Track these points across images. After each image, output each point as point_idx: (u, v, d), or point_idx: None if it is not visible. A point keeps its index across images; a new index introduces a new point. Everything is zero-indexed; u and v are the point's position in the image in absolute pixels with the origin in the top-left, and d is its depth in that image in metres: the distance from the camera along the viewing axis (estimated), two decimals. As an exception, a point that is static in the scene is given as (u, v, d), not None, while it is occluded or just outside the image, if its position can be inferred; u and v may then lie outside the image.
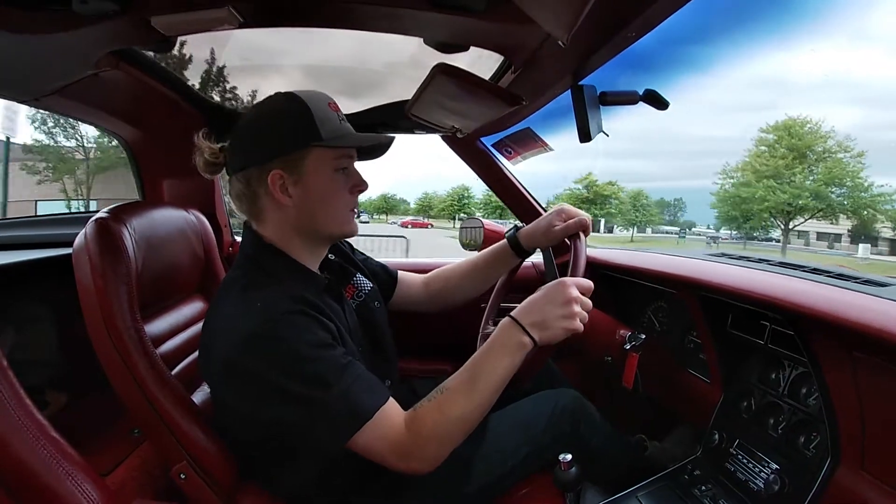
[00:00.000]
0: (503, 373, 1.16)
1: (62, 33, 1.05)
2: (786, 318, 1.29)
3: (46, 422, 0.93)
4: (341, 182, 1.24)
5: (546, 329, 1.17)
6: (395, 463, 1.12)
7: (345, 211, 1.27)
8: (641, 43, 1.10)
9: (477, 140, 2.21)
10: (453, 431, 1.14)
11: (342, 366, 1.10)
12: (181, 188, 2.07)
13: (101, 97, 1.60)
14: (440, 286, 1.76)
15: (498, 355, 1.17)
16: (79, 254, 1.22)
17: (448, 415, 1.13)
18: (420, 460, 1.13)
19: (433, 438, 1.13)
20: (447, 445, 1.14)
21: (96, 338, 1.18)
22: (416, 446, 1.12)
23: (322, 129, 1.19)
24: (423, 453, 1.13)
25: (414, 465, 1.13)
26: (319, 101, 1.22)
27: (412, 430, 1.12)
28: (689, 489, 1.40)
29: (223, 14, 1.05)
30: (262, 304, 1.10)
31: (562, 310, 1.17)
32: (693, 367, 1.72)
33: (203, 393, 1.46)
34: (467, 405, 1.14)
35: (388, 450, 1.10)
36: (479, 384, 1.15)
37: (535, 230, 1.60)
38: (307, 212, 1.23)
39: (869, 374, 1.10)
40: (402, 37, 1.26)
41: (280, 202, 1.20)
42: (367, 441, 1.09)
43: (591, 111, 1.32)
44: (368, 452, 1.11)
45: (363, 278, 1.52)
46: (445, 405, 1.14)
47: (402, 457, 1.11)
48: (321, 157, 1.20)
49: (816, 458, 1.22)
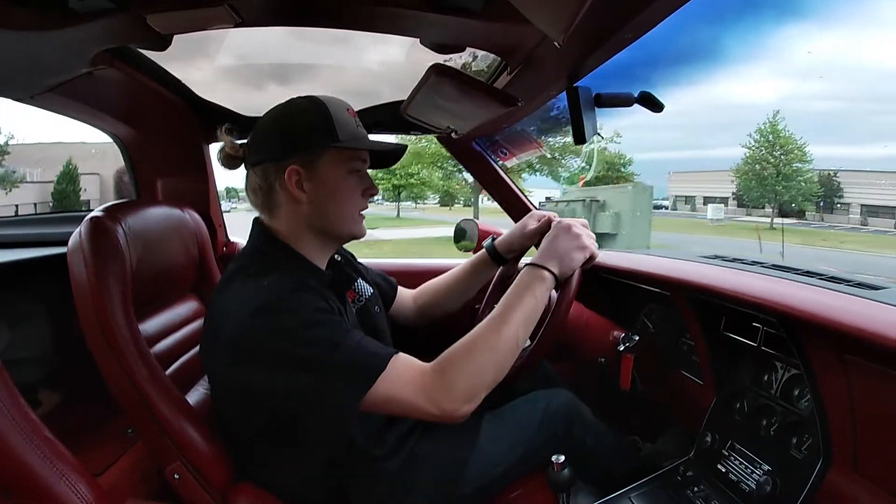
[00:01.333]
0: (529, 309, 1.25)
1: (57, 30, 1.04)
2: (778, 321, 1.30)
3: (40, 421, 0.93)
4: (353, 184, 1.28)
5: (563, 260, 1.34)
6: (425, 406, 1.11)
7: (355, 212, 1.30)
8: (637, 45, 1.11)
9: (472, 141, 2.22)
10: (483, 366, 1.16)
11: (347, 328, 1.13)
12: (176, 187, 2.06)
13: (96, 95, 1.59)
14: (427, 300, 1.81)
15: (522, 293, 1.27)
16: (73, 252, 1.21)
17: (475, 351, 1.17)
18: (451, 399, 1.12)
19: (462, 374, 1.14)
20: (477, 383, 1.15)
21: (90, 337, 1.18)
22: (445, 385, 1.13)
23: (340, 132, 1.23)
24: (453, 391, 1.13)
25: (446, 405, 1.12)
26: (339, 105, 1.26)
27: (438, 371, 1.14)
28: (681, 490, 1.40)
29: (220, 12, 1.05)
30: (269, 283, 1.13)
31: (573, 241, 1.36)
32: (686, 368, 1.72)
33: (198, 393, 1.45)
34: (495, 340, 1.19)
35: (414, 393, 1.11)
36: (506, 320, 1.21)
37: (512, 235, 1.68)
38: (319, 208, 1.25)
39: (860, 376, 1.11)
40: (398, 37, 1.27)
41: (294, 197, 1.23)
42: (388, 389, 1.09)
43: (586, 113, 1.32)
44: (394, 402, 1.11)
45: (364, 283, 1.53)
46: (473, 342, 1.19)
47: (431, 398, 1.11)
48: (337, 157, 1.24)
49: (808, 459, 1.22)
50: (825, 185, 35.81)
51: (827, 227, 33.28)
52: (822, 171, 36.30)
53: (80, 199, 23.64)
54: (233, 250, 2.24)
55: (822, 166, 36.39)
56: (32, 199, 23.25)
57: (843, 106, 66.15)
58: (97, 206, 1.33)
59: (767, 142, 33.58)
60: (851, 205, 35.66)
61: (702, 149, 70.86)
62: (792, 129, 33.26)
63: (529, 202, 2.32)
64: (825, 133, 59.66)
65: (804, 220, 35.75)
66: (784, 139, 33.39)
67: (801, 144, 33.31)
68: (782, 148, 33.31)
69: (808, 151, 33.54)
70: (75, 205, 23.05)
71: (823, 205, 36.46)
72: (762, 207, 37.10)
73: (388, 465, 1.29)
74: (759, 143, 33.95)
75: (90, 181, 23.98)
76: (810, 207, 36.48)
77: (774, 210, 35.13)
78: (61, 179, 23.75)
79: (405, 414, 1.16)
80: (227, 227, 2.29)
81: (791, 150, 33.25)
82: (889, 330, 0.99)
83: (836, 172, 36.64)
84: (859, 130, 60.49)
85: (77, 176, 23.87)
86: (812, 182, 34.15)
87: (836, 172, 36.64)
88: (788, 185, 33.20)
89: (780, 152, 33.29)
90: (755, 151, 34.08)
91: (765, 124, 33.67)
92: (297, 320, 1.09)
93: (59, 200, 23.26)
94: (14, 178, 23.47)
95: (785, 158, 33.22)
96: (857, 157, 51.91)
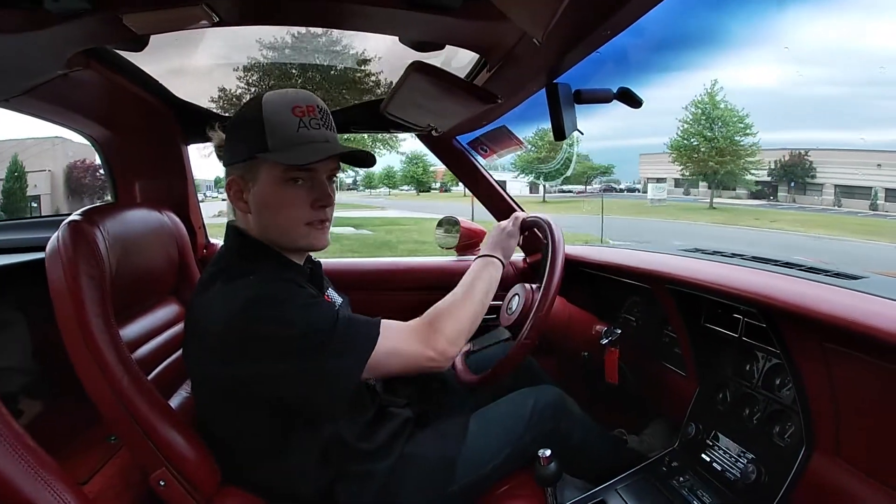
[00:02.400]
0: (486, 281, 1.41)
1: (32, 32, 1.02)
2: (759, 312, 1.31)
3: (23, 430, 0.92)
4: (293, 194, 1.19)
5: (504, 249, 1.54)
6: (422, 350, 1.21)
7: (298, 225, 1.21)
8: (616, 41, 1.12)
9: (453, 138, 2.22)
10: (463, 315, 1.30)
11: (334, 309, 1.18)
12: (155, 189, 2.03)
13: (72, 98, 1.56)
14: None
15: (480, 272, 1.42)
16: (52, 257, 1.19)
17: (454, 304, 1.31)
18: (443, 340, 1.22)
19: (448, 320, 1.26)
20: (460, 328, 1.28)
21: (70, 343, 1.16)
22: (435, 329, 1.23)
23: (270, 139, 1.14)
24: (443, 333, 1.23)
25: (438, 345, 1.22)
26: (281, 105, 1.16)
27: (426, 321, 1.26)
28: (667, 481, 1.42)
29: (197, 12, 1.04)
30: (256, 278, 1.14)
31: (505, 236, 1.57)
32: (669, 360, 1.74)
33: (181, 397, 1.44)
34: (469, 299, 1.34)
35: (410, 340, 1.21)
36: (474, 285, 1.38)
37: (488, 242, 1.71)
38: (262, 220, 1.22)
39: (841, 364, 1.13)
40: (378, 35, 1.27)
41: (239, 207, 1.22)
42: (390, 344, 1.16)
43: (565, 109, 1.33)
44: (395, 353, 1.18)
45: (333, 291, 1.51)
46: (451, 299, 1.33)
47: (425, 342, 1.21)
48: (272, 167, 1.16)
49: (791, 447, 1.24)
50: (795, 164, 34.58)
51: (797, 207, 32.71)
52: (793, 150, 35.20)
53: (25, 195, 23.15)
54: (213, 252, 2.22)
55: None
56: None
57: (846, 91, 65.65)
58: (46, 201, 1.31)
59: (704, 115, 32.53)
60: (825, 185, 34.25)
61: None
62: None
63: (512, 200, 2.33)
64: (829, 118, 59.20)
65: (773, 199, 34.85)
66: (722, 111, 32.29)
67: (742, 116, 32.05)
68: (720, 120, 32.26)
69: (751, 124, 32.14)
70: (20, 200, 22.87)
71: (794, 185, 35.00)
72: (698, 186, 36.42)
73: (378, 465, 1.29)
74: (696, 117, 32.86)
75: (41, 177, 23.64)
76: (754, 187, 35.69)
77: (713, 189, 34.21)
78: (9, 177, 23.13)
79: (405, 364, 1.21)
80: (206, 229, 2.27)
81: (729, 123, 32.12)
82: (868, 318, 1.01)
83: (807, 151, 35.15)
84: (862, 115, 60.21)
85: (24, 173, 23.23)
86: (753, 157, 32.89)
87: (807, 151, 35.15)
88: (723, 161, 32.05)
89: (719, 126, 32.25)
90: (691, 126, 33.02)
91: (702, 95, 32.62)
92: (292, 306, 1.11)
93: (7, 196, 23.13)
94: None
95: (725, 132, 32.18)
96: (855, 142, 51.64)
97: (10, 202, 22.89)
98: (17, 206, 22.51)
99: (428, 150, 2.33)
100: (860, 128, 54.06)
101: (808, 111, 61.09)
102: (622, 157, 41.96)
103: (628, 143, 62.37)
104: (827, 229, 23.49)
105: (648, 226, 25.06)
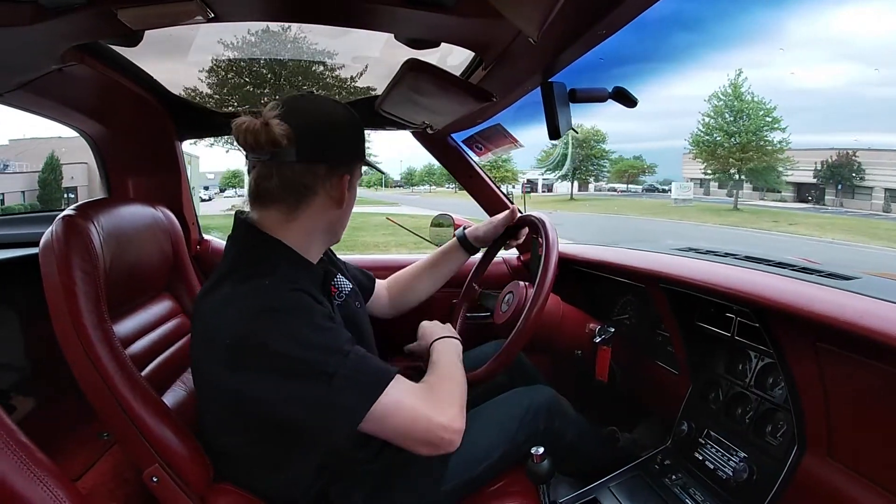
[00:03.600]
0: (458, 361, 1.39)
1: (26, 26, 1.02)
2: (752, 311, 1.32)
3: (15, 426, 0.91)
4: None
5: (447, 329, 1.51)
6: (427, 411, 1.14)
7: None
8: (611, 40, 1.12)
9: (448, 136, 2.22)
10: (455, 390, 1.26)
11: (350, 339, 1.13)
12: (148, 185, 2.03)
13: (66, 93, 1.56)
14: (400, 288, 1.85)
15: (441, 355, 1.39)
16: (46, 252, 1.18)
17: (442, 382, 1.28)
18: (447, 405, 1.19)
19: (447, 393, 1.23)
20: (458, 401, 1.23)
21: (63, 339, 1.15)
22: (435, 391, 1.21)
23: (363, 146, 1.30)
24: (444, 397, 1.20)
25: (446, 417, 1.16)
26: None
27: (425, 382, 1.25)
28: (659, 479, 1.43)
29: (192, 7, 1.03)
30: (271, 282, 1.11)
31: (434, 323, 1.56)
32: (662, 359, 1.75)
33: (174, 394, 1.43)
34: (450, 378, 1.30)
35: (417, 399, 1.14)
36: (446, 365, 1.35)
37: (480, 227, 1.81)
38: (346, 214, 1.30)
39: (833, 364, 1.13)
40: (373, 32, 1.26)
41: (337, 201, 1.23)
42: (397, 395, 1.11)
43: (560, 108, 1.33)
44: (400, 408, 1.11)
45: (343, 279, 1.52)
46: (435, 379, 1.29)
47: (431, 404, 1.16)
48: (359, 170, 1.29)
49: (783, 446, 1.25)
50: (842, 164, 31.24)
51: (842, 212, 29.79)
52: (840, 150, 31.75)
53: (60, 186, 26.30)
54: (206, 248, 2.22)
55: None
56: (20, 187, 26.95)
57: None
58: (83, 192, 1.31)
59: (727, 107, 30.46)
60: (874, 189, 30.76)
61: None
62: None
63: (506, 197, 2.33)
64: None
65: (819, 203, 31.57)
66: (747, 103, 30.10)
67: (769, 108, 29.87)
68: (744, 112, 30.10)
69: (779, 118, 29.71)
70: (56, 191, 26.02)
71: (842, 188, 31.77)
72: (725, 187, 34.23)
73: (371, 466, 1.30)
74: (718, 110, 30.87)
75: (78, 169, 25.42)
76: (787, 188, 32.98)
77: (737, 188, 31.96)
78: (45, 169, 26.50)
79: (405, 429, 1.13)
80: (200, 225, 2.27)
81: (753, 115, 29.84)
82: (860, 318, 1.01)
83: (854, 152, 31.67)
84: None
85: (59, 166, 26.15)
86: (782, 154, 30.71)
87: (854, 152, 31.67)
88: (745, 157, 29.91)
89: (743, 119, 30.05)
90: (713, 119, 31.01)
91: (726, 87, 30.42)
92: (304, 323, 1.07)
93: (43, 187, 26.27)
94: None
95: (747, 125, 29.92)
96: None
97: (45, 192, 26.11)
98: (53, 196, 25.81)
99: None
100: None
101: (863, 112, 59.13)
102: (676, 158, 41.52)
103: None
104: (849, 234, 22.83)
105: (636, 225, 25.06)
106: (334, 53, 1.75)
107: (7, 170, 28.40)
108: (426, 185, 48.21)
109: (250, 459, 1.22)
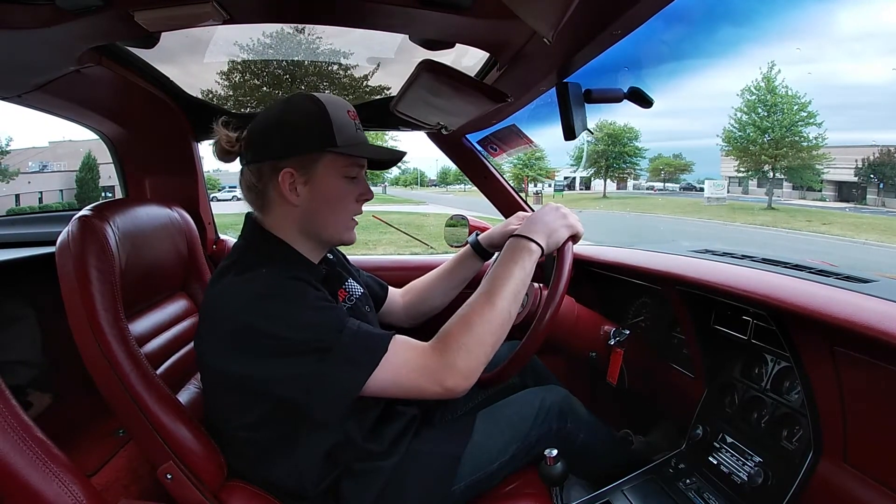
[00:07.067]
0: (518, 281, 1.26)
1: (44, 28, 1.03)
2: (768, 314, 1.30)
3: (32, 423, 0.92)
4: (348, 189, 1.27)
5: (550, 234, 1.35)
6: (427, 385, 1.14)
7: (347, 218, 1.30)
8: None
9: (463, 137, 2.21)
10: (480, 340, 1.18)
11: (346, 315, 1.14)
12: (165, 186, 2.05)
13: (84, 94, 1.58)
14: (414, 297, 1.82)
15: (509, 265, 1.28)
16: (62, 252, 1.20)
17: (471, 325, 1.19)
18: (452, 376, 1.14)
19: (462, 351, 1.16)
20: (476, 354, 1.17)
21: (80, 337, 1.17)
22: (446, 363, 1.15)
23: (338, 136, 1.21)
24: (454, 368, 1.14)
25: (449, 383, 1.14)
26: (339, 107, 1.24)
27: (437, 349, 1.16)
28: (673, 482, 1.41)
29: (208, 10, 1.05)
30: (268, 271, 1.14)
31: (561, 219, 1.38)
32: (677, 362, 1.73)
33: (189, 392, 1.44)
34: (490, 313, 1.20)
35: (416, 372, 1.13)
36: (497, 292, 1.23)
37: (494, 232, 1.74)
38: (311, 213, 1.25)
39: (850, 368, 1.12)
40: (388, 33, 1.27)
41: (287, 199, 1.22)
42: (393, 373, 1.12)
43: (575, 109, 1.33)
44: (399, 385, 1.13)
45: (354, 283, 1.52)
46: (468, 317, 1.20)
47: (433, 378, 1.14)
48: (333, 162, 1.23)
49: (799, 451, 1.23)
50: (884, 163, 28.65)
51: (885, 212, 27.47)
52: (883, 147, 28.59)
53: (97, 185, 28.31)
54: (222, 248, 2.23)
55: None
56: (59, 186, 29.70)
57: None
58: (121, 189, 1.32)
59: (760, 101, 28.79)
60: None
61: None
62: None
63: (521, 199, 2.32)
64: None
65: (860, 203, 29.16)
66: (781, 97, 28.39)
67: (803, 103, 27.93)
68: (778, 108, 28.39)
69: (815, 112, 28.06)
70: (93, 189, 27.92)
71: (884, 186, 29.09)
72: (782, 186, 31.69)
73: (383, 463, 1.30)
74: (751, 105, 29.18)
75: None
76: (826, 186, 30.73)
77: (775, 186, 30.01)
78: (82, 168, 28.69)
79: (407, 394, 1.16)
80: (216, 225, 2.28)
81: (786, 110, 28.12)
82: (879, 321, 1.00)
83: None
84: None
85: (95, 165, 28.09)
86: (815, 151, 28.73)
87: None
88: (779, 153, 28.33)
89: (778, 115, 28.37)
90: (746, 115, 29.34)
91: (759, 81, 28.79)
92: (298, 305, 1.10)
93: (80, 186, 28.34)
94: (10, 172, 29.06)
95: (781, 120, 28.22)
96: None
97: (82, 191, 28.05)
98: (90, 195, 27.22)
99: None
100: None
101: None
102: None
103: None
104: (885, 235, 22.12)
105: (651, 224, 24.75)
106: (349, 54, 1.76)
107: (46, 170, 30.64)
108: (460, 185, 48.56)
109: (258, 447, 1.24)
